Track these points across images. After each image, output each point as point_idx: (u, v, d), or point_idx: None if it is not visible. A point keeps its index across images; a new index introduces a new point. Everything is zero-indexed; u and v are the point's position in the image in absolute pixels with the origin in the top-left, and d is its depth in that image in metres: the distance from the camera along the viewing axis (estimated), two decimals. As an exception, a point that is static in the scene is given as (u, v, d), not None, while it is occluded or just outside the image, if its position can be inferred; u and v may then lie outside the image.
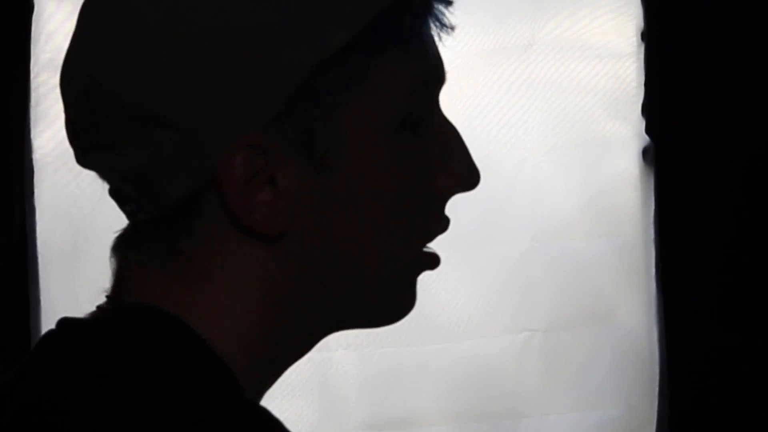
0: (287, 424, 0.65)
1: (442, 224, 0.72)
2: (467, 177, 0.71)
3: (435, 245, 0.72)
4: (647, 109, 1.51)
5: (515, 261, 1.52)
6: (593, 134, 1.52)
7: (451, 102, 1.50)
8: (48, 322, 1.52)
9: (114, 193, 0.69)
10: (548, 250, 1.52)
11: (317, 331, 0.71)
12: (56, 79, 0.69)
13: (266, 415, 0.62)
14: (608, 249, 1.52)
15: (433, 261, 0.72)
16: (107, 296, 0.69)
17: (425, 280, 0.71)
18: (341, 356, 1.52)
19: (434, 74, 0.69)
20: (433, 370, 1.53)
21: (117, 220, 0.69)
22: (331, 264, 0.67)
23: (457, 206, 0.73)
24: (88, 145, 0.67)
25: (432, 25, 0.68)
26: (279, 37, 0.63)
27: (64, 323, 0.68)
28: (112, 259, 0.70)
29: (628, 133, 1.52)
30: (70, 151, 0.68)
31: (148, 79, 0.63)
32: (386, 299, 0.71)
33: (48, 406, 0.61)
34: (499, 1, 1.52)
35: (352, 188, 0.66)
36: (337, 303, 0.69)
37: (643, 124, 1.52)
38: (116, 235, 0.70)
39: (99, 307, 0.68)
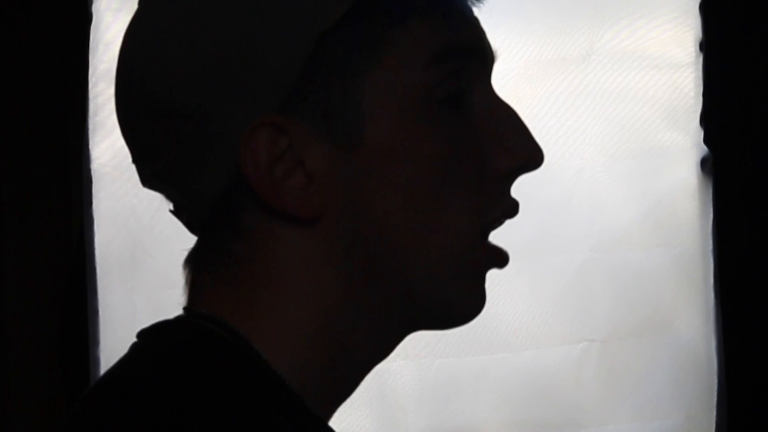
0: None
1: (502, 207, 0.68)
2: (525, 154, 0.67)
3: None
4: (705, 119, 1.51)
5: (574, 271, 1.52)
6: (651, 144, 1.52)
7: (510, 112, 1.51)
8: (107, 332, 1.52)
9: (174, 209, 0.69)
10: (607, 260, 1.52)
11: (382, 330, 0.68)
12: (113, 89, 0.70)
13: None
14: (666, 259, 1.52)
15: (498, 256, 0.68)
16: (184, 306, 0.69)
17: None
18: (399, 366, 1.52)
19: (464, 44, 0.66)
20: (491, 381, 1.52)
21: (174, 230, 0.70)
22: (375, 247, 0.65)
23: (515, 216, 0.69)
24: (137, 159, 0.67)
25: None
26: (281, 13, 0.62)
27: (140, 335, 0.68)
28: (183, 270, 0.69)
29: (687, 143, 1.52)
30: (129, 161, 0.69)
31: (165, 74, 0.63)
32: (444, 292, 0.67)
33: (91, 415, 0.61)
34: (557, 12, 1.52)
35: (381, 163, 0.64)
36: (392, 295, 0.66)
37: (701, 134, 1.52)
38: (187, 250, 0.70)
39: (175, 317, 0.68)
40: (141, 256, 1.52)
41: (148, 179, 0.67)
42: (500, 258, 0.69)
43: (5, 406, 1.50)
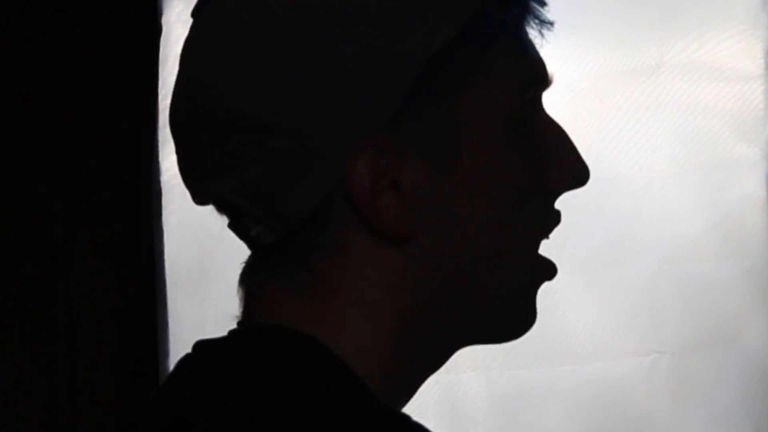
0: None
1: (554, 219, 0.73)
2: (578, 172, 0.72)
3: (562, 267, 0.72)
4: (775, 132, 1.51)
5: (643, 283, 1.52)
6: (721, 156, 1.52)
7: (579, 124, 1.51)
8: (176, 344, 1.52)
9: (234, 224, 0.69)
10: (676, 272, 1.52)
11: (447, 344, 0.71)
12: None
13: (411, 422, 0.61)
14: (736, 271, 1.52)
15: (550, 268, 0.72)
16: (239, 321, 0.69)
17: (553, 303, 0.71)
18: (469, 378, 1.52)
19: (539, 73, 0.71)
20: (560, 392, 1.52)
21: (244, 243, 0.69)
22: (458, 265, 0.67)
23: (585, 228, 0.74)
24: (206, 174, 0.67)
25: (531, 23, 0.70)
26: (389, 35, 0.63)
27: (200, 346, 0.68)
28: (241, 288, 0.70)
29: (756, 155, 1.52)
30: None
31: (259, 90, 0.63)
32: (511, 307, 0.70)
33: (189, 428, 0.61)
34: (626, 23, 1.52)
35: (473, 185, 0.66)
36: (464, 311, 0.68)
37: (771, 146, 1.52)
38: (243, 265, 0.70)
39: (231, 331, 0.69)
40: (210, 268, 1.52)
41: (219, 194, 0.66)
42: (552, 270, 0.73)
43: (76, 419, 1.50)
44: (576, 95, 1.50)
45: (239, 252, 1.46)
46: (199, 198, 0.69)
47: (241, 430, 0.59)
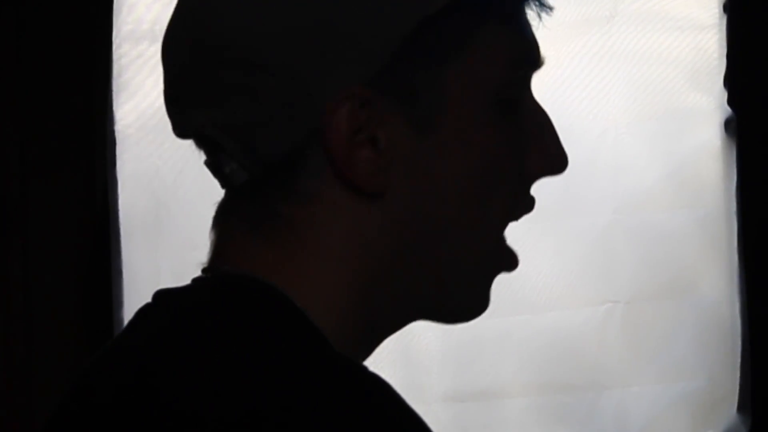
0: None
1: (527, 204, 0.73)
2: (557, 161, 0.72)
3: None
4: (729, 81, 1.51)
5: (597, 232, 1.52)
6: (675, 106, 1.52)
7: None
8: (130, 294, 1.52)
9: (210, 161, 0.68)
10: (630, 222, 1.52)
11: (405, 309, 0.71)
12: (138, 49, 0.69)
13: (367, 372, 0.61)
14: (690, 221, 1.52)
15: (512, 259, 0.73)
16: (205, 266, 0.69)
17: None
18: (423, 328, 1.51)
19: (531, 54, 0.71)
20: (515, 342, 1.53)
21: (199, 192, 0.69)
22: (425, 231, 0.67)
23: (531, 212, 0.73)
24: (189, 104, 0.67)
25: (531, 3, 0.71)
26: None
27: (161, 295, 0.68)
28: (212, 231, 0.69)
29: (710, 104, 1.52)
30: (153, 123, 0.68)
31: (253, 28, 0.63)
32: (467, 284, 0.71)
33: (150, 373, 0.61)
34: (581, -27, 1.52)
35: (450, 153, 0.67)
36: (427, 279, 0.69)
37: (725, 95, 1.52)
38: (217, 204, 0.70)
39: (194, 279, 0.68)
40: (165, 218, 1.52)
41: (199, 126, 0.67)
42: (513, 261, 0.74)
43: (30, 367, 1.50)
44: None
45: (193, 202, 1.46)
46: (180, 130, 0.69)
47: (198, 379, 0.59)
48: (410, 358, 1.52)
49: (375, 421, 0.57)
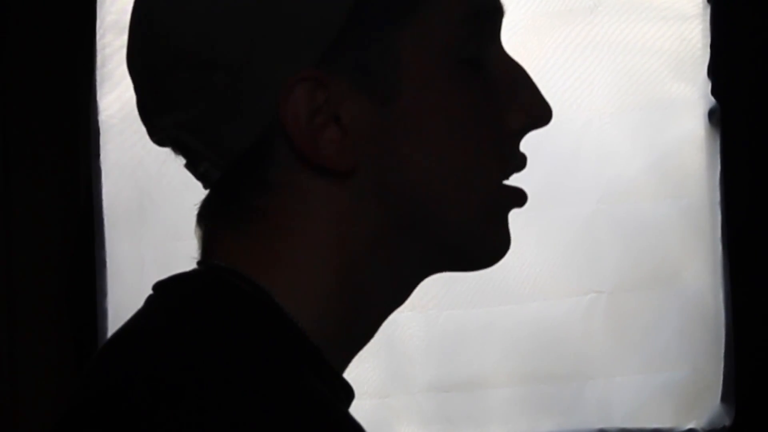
0: (354, 387, 0.66)
1: (517, 161, 0.71)
2: (538, 112, 0.70)
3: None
4: (713, 71, 1.51)
5: (581, 222, 1.52)
6: (659, 96, 1.52)
7: (517, 63, 1.51)
8: (114, 284, 1.52)
9: (188, 163, 0.68)
10: (614, 212, 1.52)
11: (409, 272, 0.69)
12: (122, 39, 0.70)
13: (308, 396, 0.60)
14: (674, 210, 1.52)
15: (519, 195, 0.71)
16: (198, 261, 0.69)
17: None
18: (407, 318, 1.52)
19: (488, 4, 0.68)
20: (498, 332, 1.53)
21: (182, 182, 0.69)
22: (407, 199, 0.66)
23: (524, 170, 0.72)
24: (154, 111, 0.67)
25: None
26: None
27: (157, 287, 0.68)
28: (197, 227, 0.69)
29: (694, 94, 1.52)
30: (136, 113, 0.69)
31: (197, 23, 0.63)
32: (476, 234, 0.69)
33: (125, 379, 0.60)
34: (564, -38, 1.52)
35: (415, 118, 0.66)
36: (426, 244, 0.68)
37: (709, 85, 1.51)
38: (199, 202, 0.70)
39: (190, 271, 0.68)
40: (149, 208, 1.52)
41: (166, 130, 0.67)
42: (520, 197, 0.71)
43: (14, 357, 1.50)
44: (514, 35, 1.50)
45: (177, 192, 1.46)
46: (154, 137, 0.69)
47: (170, 380, 0.58)
48: (394, 348, 1.52)
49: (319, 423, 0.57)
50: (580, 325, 1.52)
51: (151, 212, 1.52)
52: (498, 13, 0.70)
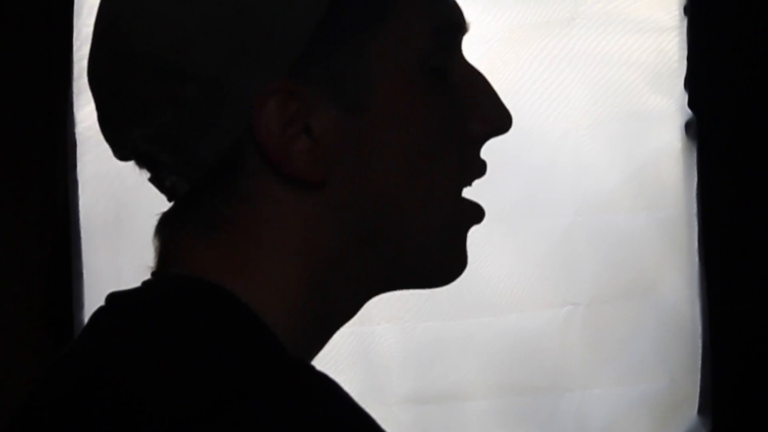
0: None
1: (478, 168, 0.72)
2: (499, 119, 0.72)
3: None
4: (690, 83, 1.51)
5: (558, 235, 1.52)
6: (636, 108, 1.52)
7: (494, 76, 1.48)
8: (91, 295, 1.52)
9: (153, 177, 0.68)
10: (591, 224, 1.52)
11: (364, 290, 0.70)
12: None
13: (314, 371, 0.61)
14: (651, 223, 1.52)
15: (477, 211, 0.72)
16: (153, 271, 0.69)
17: (469, 254, 0.71)
18: (384, 330, 1.52)
19: (455, 19, 0.70)
20: (476, 344, 1.52)
21: (159, 194, 0.69)
22: (373, 211, 0.67)
23: (500, 179, 0.73)
24: (120, 123, 0.66)
25: None
26: None
27: (113, 298, 0.68)
28: (155, 238, 0.70)
29: (671, 107, 1.52)
30: None
31: (163, 34, 0.63)
32: (436, 253, 0.70)
33: (101, 378, 0.61)
34: (541, -25, 1.52)
35: (385, 131, 0.66)
36: (385, 257, 0.69)
37: (685, 98, 1.52)
38: (159, 215, 0.70)
39: (144, 282, 0.68)
40: (126, 219, 1.52)
41: (133, 143, 0.66)
42: (478, 213, 0.73)
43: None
44: (491, 47, 1.50)
45: (154, 204, 1.46)
46: (119, 152, 0.69)
47: (147, 382, 0.59)
48: (371, 360, 1.52)
49: (318, 418, 0.57)
50: (557, 337, 1.52)
51: (128, 224, 1.51)
52: (462, 30, 0.71)
